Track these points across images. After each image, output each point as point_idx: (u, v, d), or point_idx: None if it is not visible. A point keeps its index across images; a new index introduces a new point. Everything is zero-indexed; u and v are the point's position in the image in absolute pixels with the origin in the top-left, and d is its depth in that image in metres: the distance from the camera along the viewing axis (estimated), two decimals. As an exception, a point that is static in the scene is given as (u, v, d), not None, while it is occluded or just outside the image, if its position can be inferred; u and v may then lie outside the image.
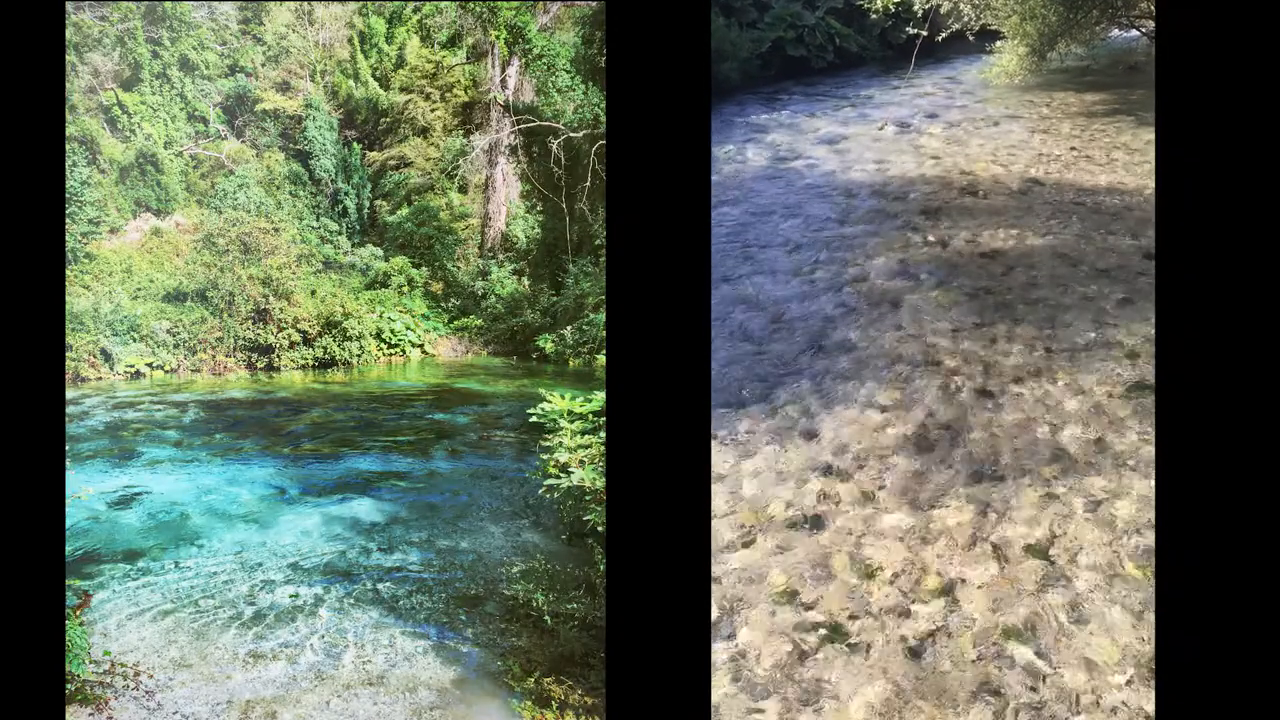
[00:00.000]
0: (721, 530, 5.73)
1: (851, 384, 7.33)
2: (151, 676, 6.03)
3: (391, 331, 19.82)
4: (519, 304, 20.56)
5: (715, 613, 5.04)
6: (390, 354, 19.75)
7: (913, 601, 4.98)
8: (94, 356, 16.90)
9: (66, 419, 12.33)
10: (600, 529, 6.59)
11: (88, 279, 18.44)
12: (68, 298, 16.56)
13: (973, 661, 4.57)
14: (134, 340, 17.47)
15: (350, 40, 25.14)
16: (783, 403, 7.11)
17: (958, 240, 10.22)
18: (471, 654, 6.46)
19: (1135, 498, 5.68)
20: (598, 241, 16.33)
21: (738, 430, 6.80)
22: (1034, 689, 4.42)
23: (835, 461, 6.32)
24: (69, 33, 21.86)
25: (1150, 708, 4.19)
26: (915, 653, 4.66)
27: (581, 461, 7.45)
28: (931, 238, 10.38)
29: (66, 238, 17.77)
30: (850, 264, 9.76)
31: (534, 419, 8.35)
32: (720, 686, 4.57)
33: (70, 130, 20.52)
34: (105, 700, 5.72)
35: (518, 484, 10.20)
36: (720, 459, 6.49)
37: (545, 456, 7.95)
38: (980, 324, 8.18)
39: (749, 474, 6.27)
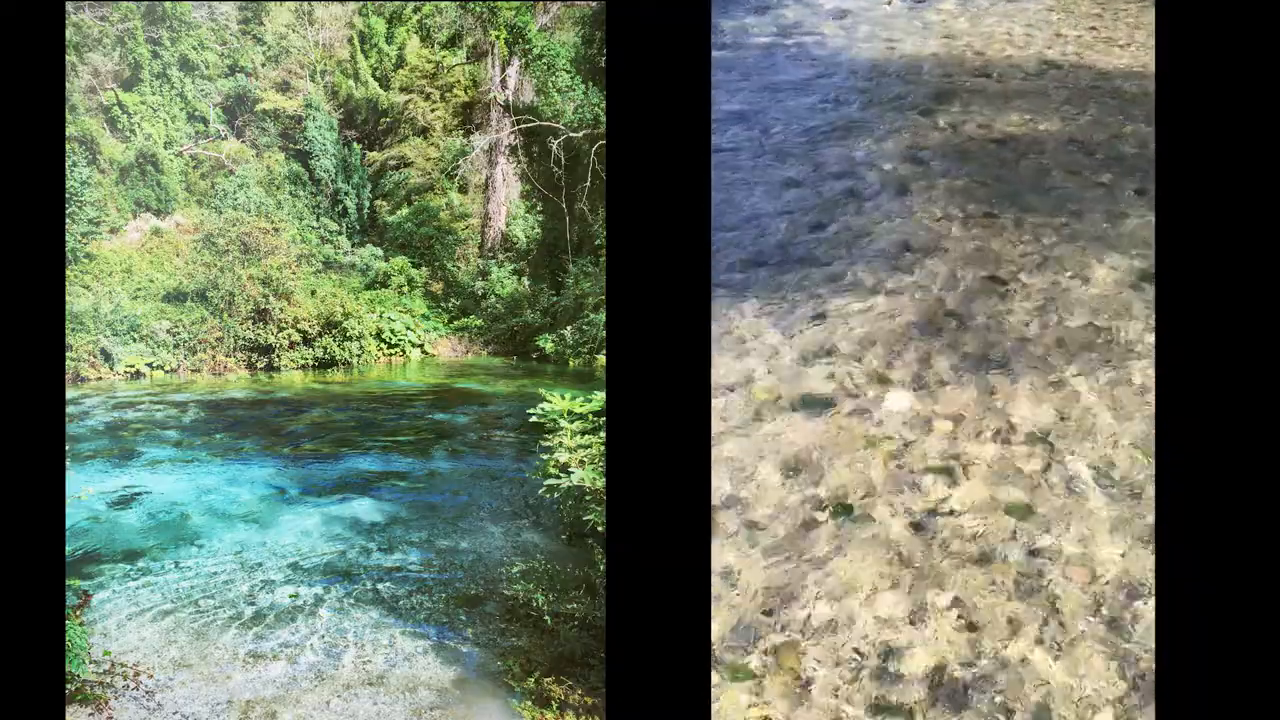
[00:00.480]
0: (732, 409, 5.74)
1: (859, 269, 7.25)
2: (151, 676, 6.04)
3: (391, 331, 19.82)
4: (519, 304, 20.57)
5: (728, 487, 5.09)
6: (390, 354, 19.76)
7: (916, 479, 5.08)
8: (94, 356, 16.90)
9: (66, 419, 12.33)
10: (600, 529, 6.59)
11: (88, 279, 18.44)
12: (68, 298, 16.55)
13: (973, 537, 4.67)
14: (134, 340, 17.48)
15: (350, 40, 25.13)
16: (787, 288, 7.04)
17: (969, 125, 10.03)
18: (471, 654, 6.46)
19: (1139, 385, 5.74)
20: (598, 241, 16.34)
21: (744, 313, 6.70)
22: (1034, 556, 4.54)
23: (842, 345, 6.29)
24: (69, 33, 21.85)
25: (1149, 578, 4.38)
26: (917, 526, 4.77)
27: (581, 461, 7.45)
28: (942, 122, 10.17)
29: (66, 238, 17.77)
30: (856, 148, 9.58)
31: (534, 419, 8.36)
32: (733, 551, 4.71)
33: (70, 130, 20.53)
34: (105, 700, 5.72)
35: (518, 484, 10.20)
36: (726, 340, 6.46)
37: (545, 456, 7.96)
38: (991, 212, 8.07)
39: (754, 356, 6.23)
